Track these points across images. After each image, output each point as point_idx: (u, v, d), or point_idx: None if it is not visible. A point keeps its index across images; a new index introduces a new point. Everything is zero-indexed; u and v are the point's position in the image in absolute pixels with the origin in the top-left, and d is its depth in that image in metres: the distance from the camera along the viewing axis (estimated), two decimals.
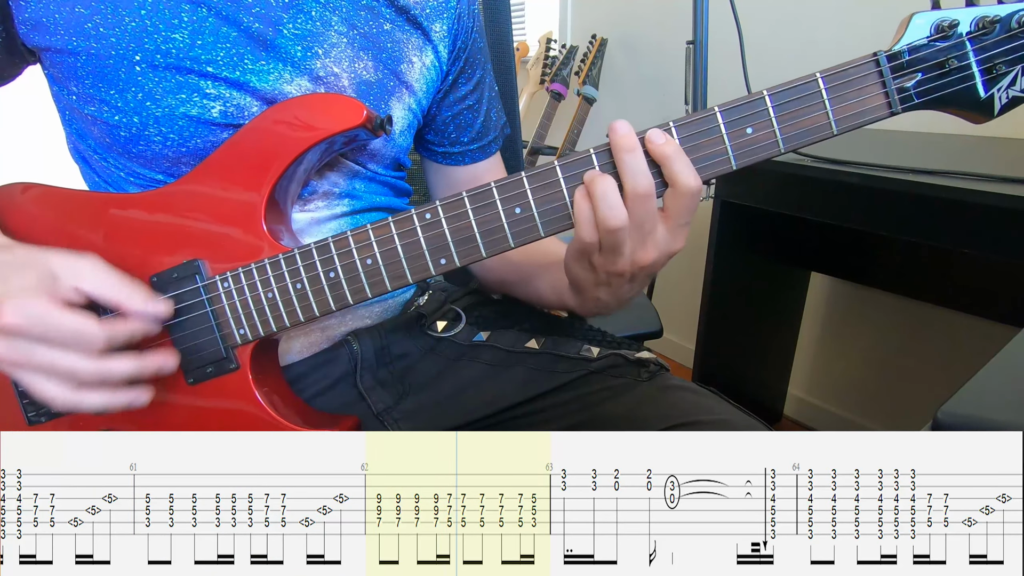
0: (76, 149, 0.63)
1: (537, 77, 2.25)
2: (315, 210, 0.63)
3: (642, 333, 1.00)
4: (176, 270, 0.55)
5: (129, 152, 0.57)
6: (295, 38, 0.58)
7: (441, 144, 0.74)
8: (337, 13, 0.60)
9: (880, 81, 0.46)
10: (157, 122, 0.55)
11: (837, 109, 0.47)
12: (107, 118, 0.55)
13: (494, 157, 0.78)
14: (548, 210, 0.51)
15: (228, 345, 0.56)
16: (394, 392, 0.68)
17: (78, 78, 0.55)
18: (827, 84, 0.47)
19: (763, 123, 0.48)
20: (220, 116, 0.56)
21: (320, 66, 0.59)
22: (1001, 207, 0.85)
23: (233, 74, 0.56)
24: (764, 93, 0.47)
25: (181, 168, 0.58)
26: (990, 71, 0.45)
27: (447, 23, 0.67)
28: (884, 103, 0.47)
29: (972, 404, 0.40)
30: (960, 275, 1.38)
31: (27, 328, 0.47)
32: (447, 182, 0.77)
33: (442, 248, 0.52)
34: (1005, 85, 0.45)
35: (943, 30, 0.45)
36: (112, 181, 0.61)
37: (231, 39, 0.56)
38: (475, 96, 0.73)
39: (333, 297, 0.54)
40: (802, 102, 0.47)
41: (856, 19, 1.49)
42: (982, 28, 0.44)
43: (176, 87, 0.55)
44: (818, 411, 1.82)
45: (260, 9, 0.57)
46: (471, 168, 0.76)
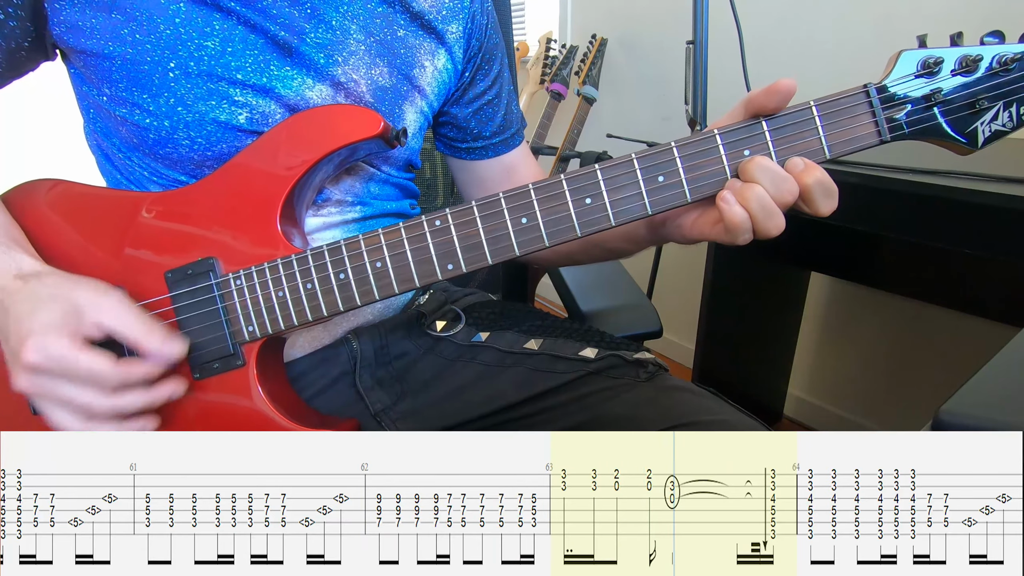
0: (98, 145, 0.64)
1: (537, 77, 2.25)
2: (328, 215, 0.65)
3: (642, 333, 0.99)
4: (191, 266, 0.57)
5: (156, 154, 0.59)
6: (317, 46, 0.60)
7: (464, 140, 0.75)
8: (355, 22, 0.62)
9: (870, 111, 0.49)
10: (187, 127, 0.57)
11: (830, 135, 0.50)
12: (138, 120, 0.57)
13: (520, 148, 0.79)
14: (552, 220, 0.52)
15: (236, 342, 0.57)
16: (392, 392, 0.68)
17: (112, 81, 0.56)
18: (820, 112, 0.49)
19: (759, 146, 0.50)
20: (247, 122, 0.58)
21: (341, 73, 0.61)
22: (1001, 207, 0.85)
23: (260, 80, 0.58)
24: (762, 121, 0.50)
25: (203, 171, 0.60)
26: (972, 106, 0.48)
27: (462, 24, 0.69)
28: (874, 131, 0.49)
29: (972, 404, 0.40)
30: (960, 275, 1.38)
31: (47, 367, 0.49)
32: (474, 177, 0.78)
33: (450, 254, 0.54)
34: (988, 119, 0.48)
35: (929, 67, 0.48)
36: (134, 179, 0.62)
37: (258, 47, 0.58)
38: (494, 91, 0.74)
39: (342, 298, 0.56)
40: (797, 128, 0.50)
41: (856, 19, 1.49)
42: (965, 67, 0.48)
43: (207, 94, 0.56)
44: (818, 411, 1.82)
45: (285, 19, 0.58)
46: (496, 161, 0.77)
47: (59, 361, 0.49)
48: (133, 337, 0.51)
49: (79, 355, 0.49)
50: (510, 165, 0.78)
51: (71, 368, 0.49)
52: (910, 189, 0.93)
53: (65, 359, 0.49)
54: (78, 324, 0.50)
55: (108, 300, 0.52)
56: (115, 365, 0.50)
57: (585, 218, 0.52)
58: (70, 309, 0.50)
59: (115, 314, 0.51)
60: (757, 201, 0.48)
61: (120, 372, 0.50)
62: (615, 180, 0.51)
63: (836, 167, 1.02)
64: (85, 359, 0.49)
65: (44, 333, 0.49)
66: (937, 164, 0.96)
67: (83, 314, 0.50)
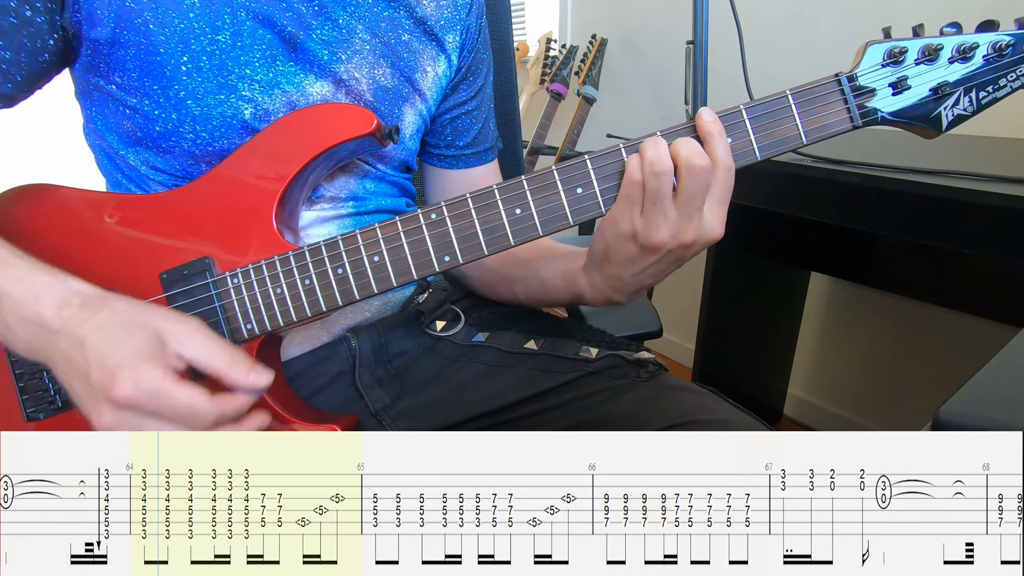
0: (97, 143, 0.64)
1: (537, 77, 2.25)
2: (321, 210, 0.65)
3: (642, 333, 0.99)
4: (187, 267, 0.57)
5: (158, 146, 0.59)
6: (323, 43, 0.60)
7: (437, 146, 0.75)
8: (362, 22, 0.63)
9: (842, 99, 0.52)
10: (193, 120, 0.57)
11: (806, 122, 0.52)
12: (147, 111, 0.57)
13: (490, 165, 0.79)
14: (546, 210, 0.53)
15: (235, 340, 0.57)
16: (391, 391, 0.68)
17: (125, 70, 0.56)
18: (796, 100, 0.52)
19: (741, 133, 0.52)
20: (251, 118, 0.58)
21: (343, 70, 0.62)
22: (1001, 207, 0.84)
23: (267, 76, 0.58)
24: (741, 107, 0.52)
25: (200, 165, 0.60)
26: (936, 92, 0.52)
27: (459, 35, 0.70)
28: (846, 117, 0.52)
29: (972, 404, 0.40)
30: (960, 275, 1.38)
31: (141, 403, 0.44)
32: (442, 185, 0.78)
33: (446, 246, 0.54)
34: (951, 105, 0.52)
35: (894, 56, 0.51)
36: (132, 176, 0.62)
37: (266, 41, 0.58)
38: (474, 103, 0.75)
39: (340, 292, 0.56)
40: (774, 115, 0.52)
41: (855, 19, 1.49)
42: (927, 55, 0.51)
43: (217, 88, 0.57)
44: (818, 411, 1.82)
45: (293, 14, 0.59)
46: (465, 172, 0.76)
47: (156, 394, 0.44)
48: (218, 368, 0.48)
49: (176, 389, 0.44)
50: (474, 182, 0.76)
51: (167, 403, 0.44)
52: (910, 189, 0.93)
53: (162, 394, 0.44)
54: (165, 355, 0.46)
55: (187, 328, 0.48)
56: (212, 401, 0.46)
57: (577, 206, 0.53)
58: (155, 338, 0.46)
59: (197, 345, 0.47)
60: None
61: (217, 408, 0.46)
62: (604, 169, 0.53)
63: (836, 167, 1.02)
64: (184, 394, 0.45)
65: (135, 365, 0.44)
66: (937, 164, 0.96)
67: (167, 344, 0.46)
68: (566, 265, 0.63)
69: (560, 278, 0.64)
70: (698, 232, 0.52)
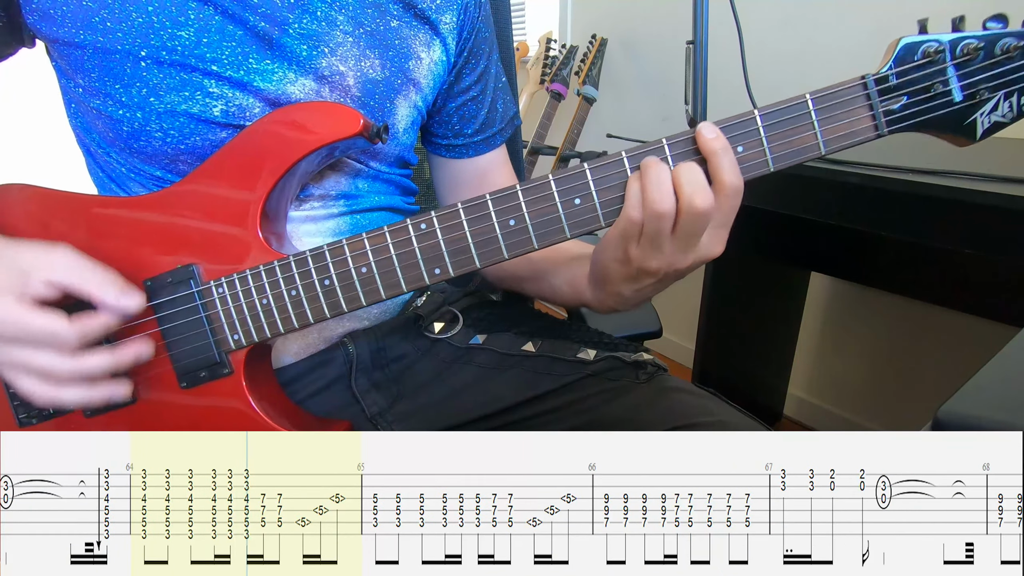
0: (81, 142, 0.64)
1: (537, 77, 2.25)
2: (310, 209, 0.63)
3: (641, 333, 0.99)
4: (170, 274, 0.55)
5: (131, 148, 0.57)
6: (300, 37, 0.58)
7: (445, 136, 0.74)
8: (343, 12, 0.60)
9: (868, 104, 0.47)
10: (159, 118, 0.55)
11: (826, 130, 0.47)
12: (111, 112, 0.55)
13: (499, 150, 0.77)
14: (541, 222, 0.50)
15: (222, 350, 0.56)
16: (388, 395, 0.67)
17: (85, 71, 0.55)
18: (816, 105, 0.47)
19: (753, 142, 0.48)
20: (221, 115, 0.56)
21: (325, 65, 0.59)
22: (1001, 207, 0.84)
23: (237, 74, 0.56)
24: (755, 113, 0.48)
25: (179, 166, 0.58)
26: (973, 96, 0.46)
27: (455, 14, 0.67)
28: (871, 125, 0.47)
29: (972, 404, 0.40)
30: (960, 275, 1.38)
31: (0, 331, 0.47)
32: (451, 176, 0.76)
33: (437, 258, 0.52)
34: (988, 110, 0.46)
35: (929, 55, 0.45)
36: (115, 176, 0.61)
37: (236, 38, 0.56)
38: (479, 87, 0.72)
39: (328, 304, 0.54)
40: (792, 123, 0.47)
41: (855, 20, 1.49)
42: (966, 54, 0.45)
43: (180, 84, 0.55)
44: (818, 411, 1.82)
45: (266, 9, 0.57)
46: (475, 161, 0.75)
47: (11, 323, 0.47)
48: (88, 289, 0.49)
49: (29, 315, 0.47)
50: (484, 170, 0.76)
51: (24, 330, 0.48)
52: (910, 189, 0.93)
53: (17, 320, 0.47)
54: (24, 285, 0.48)
55: (56, 255, 0.50)
56: (71, 321, 0.48)
57: (575, 219, 0.50)
58: (15, 270, 0.48)
59: (65, 268, 0.49)
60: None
61: (76, 328, 0.48)
62: (605, 180, 0.49)
63: (837, 167, 1.02)
64: (37, 318, 0.47)
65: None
66: (937, 164, 0.96)
67: (30, 273, 0.48)
68: (574, 271, 0.62)
69: (567, 285, 0.64)
70: (695, 257, 0.50)
